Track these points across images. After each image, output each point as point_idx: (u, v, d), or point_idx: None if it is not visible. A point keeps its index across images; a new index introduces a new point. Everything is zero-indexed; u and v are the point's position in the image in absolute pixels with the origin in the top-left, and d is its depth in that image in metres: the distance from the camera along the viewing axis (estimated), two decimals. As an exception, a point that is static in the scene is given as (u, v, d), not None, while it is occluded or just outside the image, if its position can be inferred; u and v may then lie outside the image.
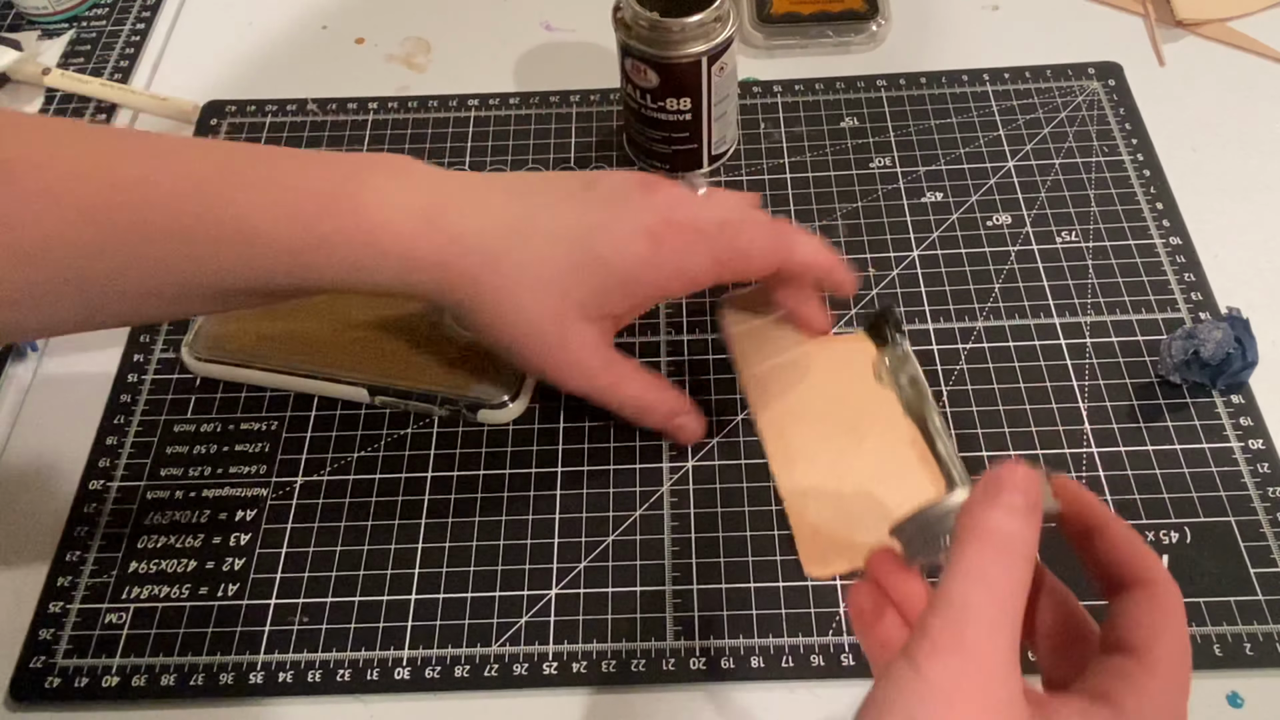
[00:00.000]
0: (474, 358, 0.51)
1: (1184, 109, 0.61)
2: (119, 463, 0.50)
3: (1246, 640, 0.43)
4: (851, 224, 0.57)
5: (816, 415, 0.48)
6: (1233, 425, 0.49)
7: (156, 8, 0.70)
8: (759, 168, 0.59)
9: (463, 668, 0.44)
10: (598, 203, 0.43)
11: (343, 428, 0.50)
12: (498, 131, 0.62)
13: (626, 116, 0.58)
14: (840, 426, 0.47)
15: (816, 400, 0.48)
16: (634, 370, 0.46)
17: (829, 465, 0.47)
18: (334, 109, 0.64)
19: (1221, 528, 0.46)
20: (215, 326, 0.52)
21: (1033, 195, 0.57)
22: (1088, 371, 0.51)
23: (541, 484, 0.48)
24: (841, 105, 0.62)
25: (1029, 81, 0.63)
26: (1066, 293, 0.53)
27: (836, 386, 0.48)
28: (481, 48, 0.67)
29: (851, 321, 0.52)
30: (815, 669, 0.43)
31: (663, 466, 0.49)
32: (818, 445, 0.47)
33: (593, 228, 0.42)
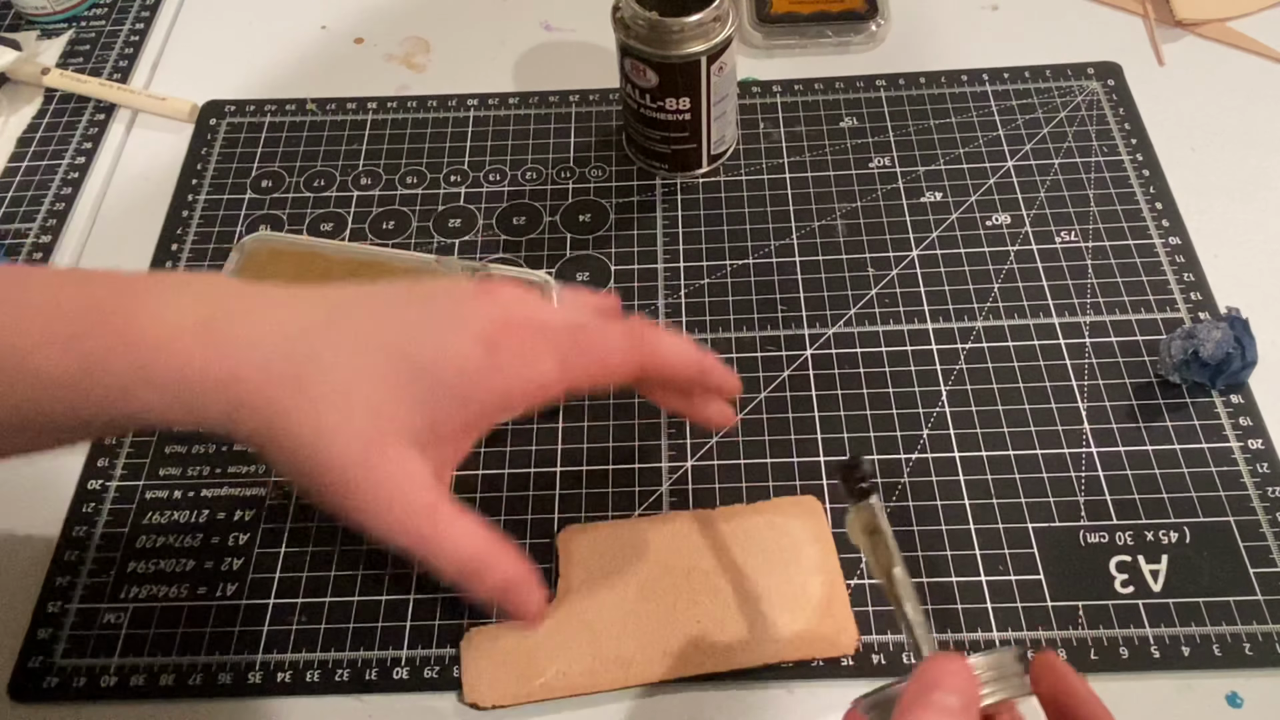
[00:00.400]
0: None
1: (1183, 109, 0.61)
2: (117, 462, 0.50)
3: (1246, 640, 0.43)
4: (851, 224, 0.57)
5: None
6: (1232, 425, 0.49)
7: (155, 8, 0.70)
8: (758, 168, 0.59)
9: (462, 667, 0.43)
10: (421, 307, 0.36)
11: (341, 427, 0.50)
12: (497, 131, 0.62)
13: (626, 116, 0.58)
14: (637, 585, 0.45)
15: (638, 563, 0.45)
16: (467, 522, 0.35)
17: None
18: (333, 109, 0.64)
19: (1221, 528, 0.46)
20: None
21: (1032, 195, 0.57)
22: (1087, 371, 0.51)
23: (540, 484, 0.48)
24: (841, 105, 0.62)
25: (1028, 81, 0.62)
26: (1066, 292, 0.53)
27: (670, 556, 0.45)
28: (481, 48, 0.67)
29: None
30: (815, 669, 0.43)
31: (662, 466, 0.49)
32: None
33: (415, 334, 0.35)
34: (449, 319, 0.36)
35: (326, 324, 0.35)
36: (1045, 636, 0.43)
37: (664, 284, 0.55)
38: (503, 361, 0.35)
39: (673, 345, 0.39)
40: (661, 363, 0.39)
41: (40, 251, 0.57)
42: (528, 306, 0.37)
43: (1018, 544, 0.46)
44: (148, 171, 0.62)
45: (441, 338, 0.35)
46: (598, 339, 0.38)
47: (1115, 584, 0.44)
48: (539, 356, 0.36)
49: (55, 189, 0.61)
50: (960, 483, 0.47)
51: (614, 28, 0.54)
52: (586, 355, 0.37)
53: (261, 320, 0.35)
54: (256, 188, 0.60)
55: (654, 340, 0.39)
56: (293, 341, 0.34)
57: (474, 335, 0.35)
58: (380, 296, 0.37)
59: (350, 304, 0.36)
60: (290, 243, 0.56)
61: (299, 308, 0.36)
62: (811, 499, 0.47)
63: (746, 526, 0.46)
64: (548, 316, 0.38)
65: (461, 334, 0.35)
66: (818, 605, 0.44)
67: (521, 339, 0.36)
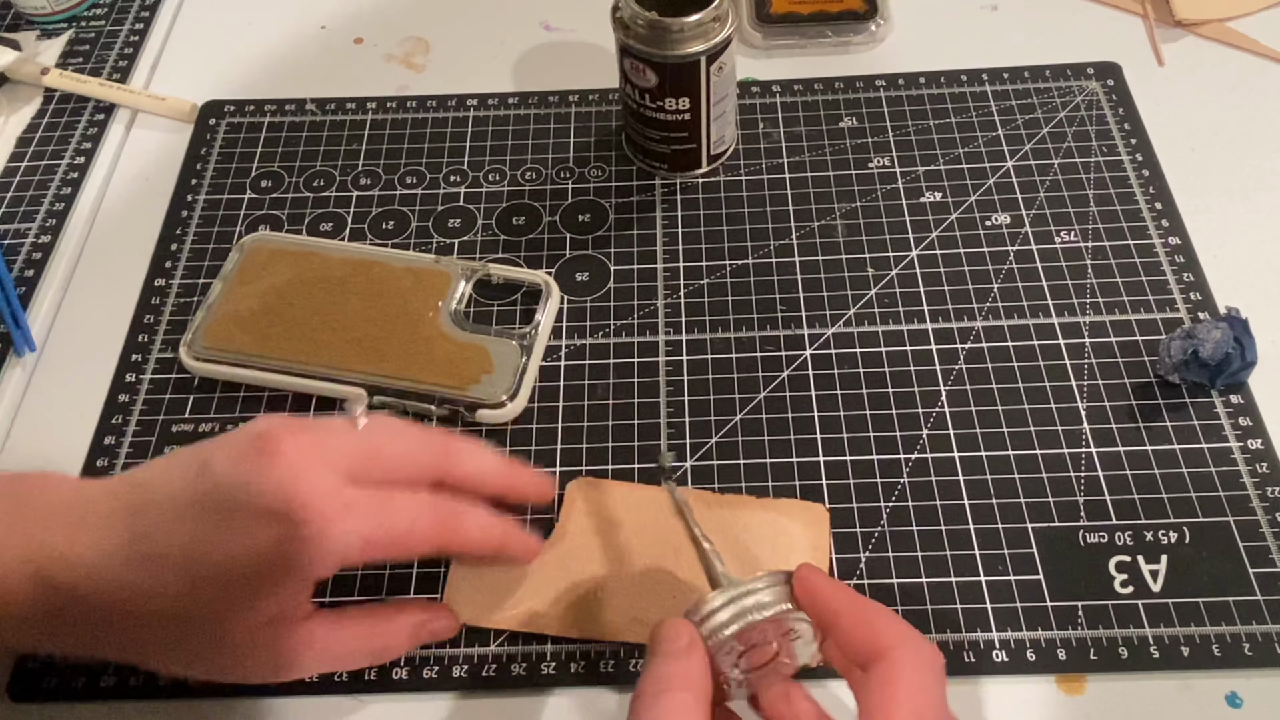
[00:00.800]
0: (472, 357, 0.51)
1: (1183, 109, 0.61)
2: (117, 463, 0.50)
3: (1245, 640, 0.43)
4: (850, 224, 0.57)
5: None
6: (1231, 425, 0.49)
7: (155, 8, 0.70)
8: (758, 168, 0.59)
9: (461, 668, 0.43)
10: (210, 508, 0.36)
11: (341, 427, 0.50)
12: (497, 131, 0.62)
13: (625, 116, 0.58)
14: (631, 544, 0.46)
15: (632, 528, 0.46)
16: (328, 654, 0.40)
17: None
18: (333, 109, 0.64)
19: (1220, 528, 0.46)
20: (214, 326, 0.52)
21: (1031, 195, 0.57)
22: (1086, 371, 0.51)
23: (540, 484, 0.48)
24: (840, 105, 0.62)
25: (1028, 81, 0.62)
26: (1065, 293, 0.53)
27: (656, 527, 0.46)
28: (480, 48, 0.67)
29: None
30: (813, 670, 0.43)
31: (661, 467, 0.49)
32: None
33: (207, 542, 0.36)
34: (236, 509, 0.36)
35: (129, 544, 0.37)
36: (1045, 636, 0.43)
37: (663, 284, 0.55)
38: (304, 539, 0.35)
39: (473, 455, 0.41)
40: (462, 473, 0.40)
41: (40, 251, 0.57)
42: (313, 471, 0.36)
43: (1017, 544, 0.46)
44: (147, 171, 0.62)
45: (232, 538, 0.36)
46: (393, 455, 0.39)
47: (1115, 584, 0.44)
48: (345, 520, 0.36)
49: (55, 189, 0.61)
50: (960, 483, 0.47)
51: (613, 28, 0.54)
52: (384, 476, 0.38)
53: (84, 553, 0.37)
54: (256, 188, 0.60)
55: (454, 450, 0.40)
56: (109, 569, 0.37)
57: (263, 516, 0.35)
58: (173, 505, 0.37)
59: (154, 520, 0.37)
60: (290, 243, 0.56)
61: (116, 528, 0.37)
62: (820, 508, 0.47)
63: (749, 519, 0.46)
64: (340, 463, 0.37)
65: (252, 525, 0.35)
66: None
67: (318, 510, 0.35)
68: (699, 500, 0.47)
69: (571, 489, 0.47)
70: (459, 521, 0.40)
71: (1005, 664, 0.43)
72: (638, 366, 0.52)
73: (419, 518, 0.38)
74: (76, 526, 0.37)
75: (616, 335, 0.53)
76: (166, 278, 0.56)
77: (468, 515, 0.40)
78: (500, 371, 0.50)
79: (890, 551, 0.46)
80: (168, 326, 0.54)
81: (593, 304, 0.54)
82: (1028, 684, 0.42)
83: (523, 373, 0.50)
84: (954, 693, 0.42)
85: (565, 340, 0.53)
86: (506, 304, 0.54)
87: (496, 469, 0.42)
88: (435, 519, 0.39)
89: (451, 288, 0.53)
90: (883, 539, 0.46)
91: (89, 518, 0.38)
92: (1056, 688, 0.42)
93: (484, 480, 0.41)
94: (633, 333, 0.53)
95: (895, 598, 0.44)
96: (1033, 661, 0.43)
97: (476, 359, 0.51)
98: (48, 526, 0.38)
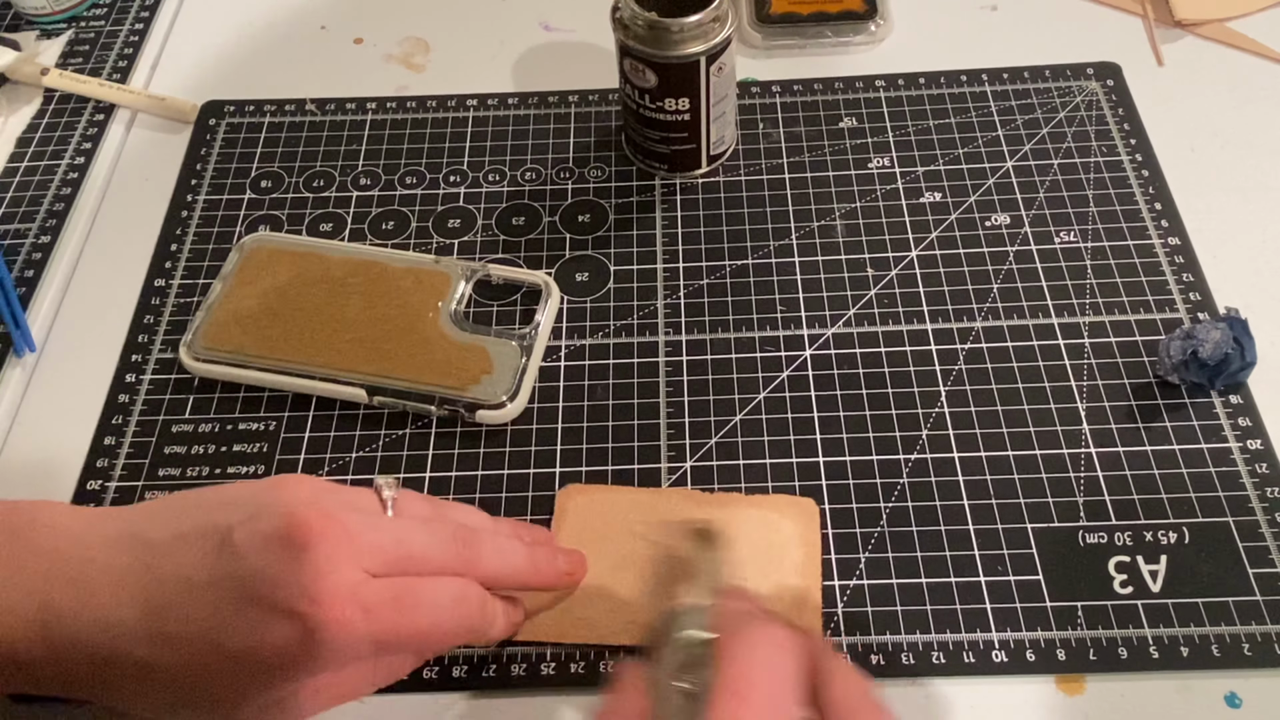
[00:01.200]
0: (472, 357, 0.51)
1: (1183, 109, 0.61)
2: (117, 463, 0.50)
3: (1244, 641, 0.43)
4: (850, 224, 0.57)
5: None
6: (1231, 425, 0.49)
7: (155, 8, 0.70)
8: (757, 168, 0.59)
9: (460, 668, 0.43)
10: (229, 591, 0.35)
11: (341, 428, 0.50)
12: (496, 132, 0.62)
13: (625, 117, 0.58)
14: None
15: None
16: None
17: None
18: (332, 109, 0.64)
19: (1220, 528, 0.46)
20: (214, 327, 0.52)
21: (1031, 195, 0.57)
22: (1086, 372, 0.51)
23: (539, 484, 0.48)
24: (840, 105, 0.62)
25: (1027, 82, 0.62)
26: (1065, 293, 0.53)
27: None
28: (480, 48, 0.67)
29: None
30: (813, 669, 0.43)
31: (660, 467, 0.49)
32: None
33: (224, 629, 0.35)
34: (258, 598, 0.35)
35: (144, 618, 0.36)
36: (1044, 637, 0.43)
37: (663, 284, 0.55)
38: (309, 651, 0.35)
39: (495, 556, 0.40)
40: (483, 574, 0.40)
41: (40, 251, 0.58)
42: (344, 565, 0.35)
43: (1017, 544, 0.46)
44: (147, 171, 0.62)
45: (251, 629, 0.35)
46: (419, 556, 0.38)
47: (1114, 584, 0.44)
48: (348, 646, 0.35)
49: (55, 189, 0.61)
50: (959, 483, 0.47)
51: (613, 28, 0.54)
52: (402, 635, 0.37)
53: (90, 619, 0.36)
54: (256, 188, 0.60)
55: (477, 553, 0.39)
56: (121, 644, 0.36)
57: (286, 613, 0.34)
58: (188, 587, 0.36)
59: (163, 598, 0.36)
60: (290, 243, 0.56)
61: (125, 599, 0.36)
62: (809, 502, 0.47)
63: (739, 516, 0.46)
64: (367, 592, 0.36)
65: (272, 616, 0.35)
66: (788, 606, 0.44)
67: (341, 610, 0.35)
68: (689, 499, 0.47)
69: (561, 497, 0.47)
70: (477, 554, 0.39)
71: (1005, 664, 0.43)
72: (638, 367, 0.52)
73: (441, 618, 0.38)
74: (85, 589, 0.36)
75: (616, 335, 0.53)
76: (166, 278, 0.56)
77: (490, 606, 0.40)
78: (500, 372, 0.50)
79: (890, 552, 0.46)
80: (168, 326, 0.54)
81: (592, 304, 0.54)
82: (1027, 684, 0.43)
83: (523, 373, 0.50)
84: (954, 693, 0.42)
85: (565, 340, 0.53)
86: (506, 304, 0.54)
87: (515, 571, 0.41)
88: (458, 617, 0.38)
89: (451, 288, 0.53)
90: (882, 539, 0.46)
91: (98, 578, 0.36)
92: (1056, 688, 0.42)
93: (502, 580, 0.41)
94: (632, 333, 0.53)
95: (895, 598, 0.44)
96: (1032, 662, 0.43)
97: (476, 359, 0.51)
98: (50, 580, 0.37)
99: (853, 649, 0.43)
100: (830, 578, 0.45)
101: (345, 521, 0.36)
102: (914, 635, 0.43)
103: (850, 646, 0.43)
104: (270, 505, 0.36)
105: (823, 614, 0.44)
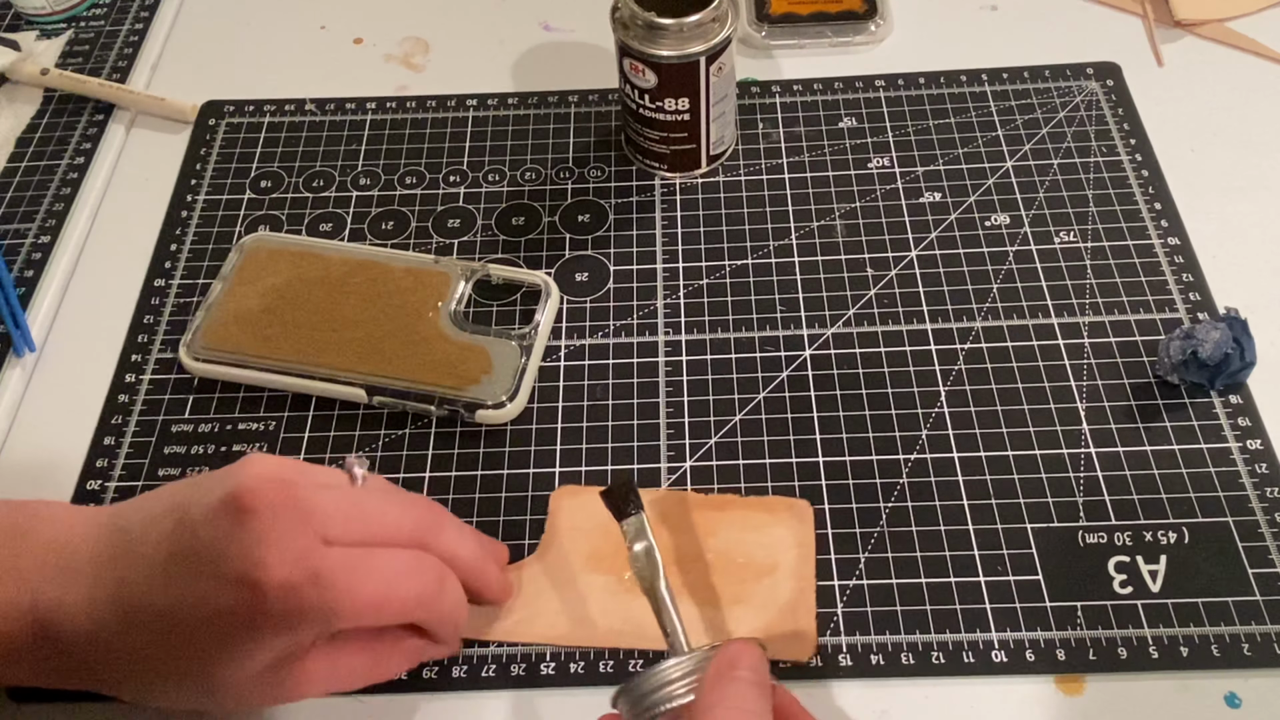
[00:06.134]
0: (472, 357, 0.51)
1: (1182, 109, 0.61)
2: (116, 463, 0.50)
3: (1244, 641, 0.43)
4: (850, 224, 0.57)
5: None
6: (1231, 425, 0.49)
7: (155, 8, 0.70)
8: (757, 168, 0.59)
9: (460, 668, 0.43)
10: (185, 566, 0.36)
11: (340, 428, 0.50)
12: (496, 132, 0.62)
13: (625, 117, 0.58)
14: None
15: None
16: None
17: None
18: (332, 109, 0.64)
19: (1219, 528, 0.46)
20: (213, 327, 0.52)
21: (1031, 195, 0.57)
22: (1086, 372, 0.51)
23: (539, 484, 0.48)
24: (840, 105, 0.62)
25: (1027, 82, 0.62)
26: (1065, 293, 0.53)
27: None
28: (480, 48, 0.67)
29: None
30: (813, 670, 0.43)
31: (660, 467, 0.49)
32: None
33: (182, 603, 0.36)
34: (209, 580, 0.35)
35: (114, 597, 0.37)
36: (1044, 637, 0.43)
37: (663, 284, 0.55)
38: (261, 621, 0.35)
39: (456, 535, 0.40)
40: (440, 549, 0.39)
41: (40, 251, 0.58)
42: (290, 543, 0.35)
43: (1016, 544, 0.46)
44: (147, 171, 0.62)
45: (202, 606, 0.35)
46: (377, 519, 0.38)
47: (1114, 584, 0.44)
48: (298, 614, 0.35)
49: (54, 189, 0.61)
50: (959, 483, 0.47)
51: (613, 28, 0.54)
52: (357, 603, 0.36)
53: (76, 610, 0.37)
54: (256, 188, 0.60)
55: (439, 523, 0.40)
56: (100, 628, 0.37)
57: (229, 599, 0.35)
58: (151, 563, 0.36)
59: (130, 574, 0.37)
60: (289, 243, 0.56)
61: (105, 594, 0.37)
62: (805, 504, 0.47)
63: (734, 518, 0.46)
64: (316, 560, 0.35)
65: (217, 597, 0.35)
66: (782, 608, 0.44)
67: (275, 597, 0.35)
68: (683, 503, 0.47)
69: (554, 498, 0.47)
70: (441, 588, 0.39)
71: (1004, 664, 0.43)
72: (637, 367, 0.52)
73: (395, 587, 0.37)
74: (70, 574, 0.37)
75: (616, 335, 0.53)
76: (166, 278, 0.56)
77: (448, 585, 0.39)
78: (500, 372, 0.50)
79: (890, 552, 0.46)
80: (168, 326, 0.54)
81: (592, 304, 0.54)
82: (1027, 684, 0.42)
83: (522, 373, 0.50)
84: (954, 693, 0.42)
85: (565, 340, 0.53)
86: (506, 304, 0.54)
87: (470, 557, 0.41)
88: (414, 586, 0.38)
89: (451, 288, 0.53)
90: (882, 539, 0.46)
91: (81, 564, 0.37)
92: (1055, 688, 0.42)
93: (456, 564, 0.40)
94: (632, 333, 0.53)
95: (895, 598, 0.44)
96: (1032, 662, 0.43)
97: (476, 359, 0.51)
98: (42, 571, 0.37)
99: (853, 649, 0.43)
100: (830, 578, 0.45)
101: (299, 489, 0.36)
102: (914, 635, 0.43)
103: (850, 646, 0.43)
104: (223, 478, 0.36)
105: (818, 615, 0.44)
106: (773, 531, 0.46)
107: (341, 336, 0.51)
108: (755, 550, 0.45)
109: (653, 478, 0.48)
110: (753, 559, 0.45)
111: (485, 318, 0.54)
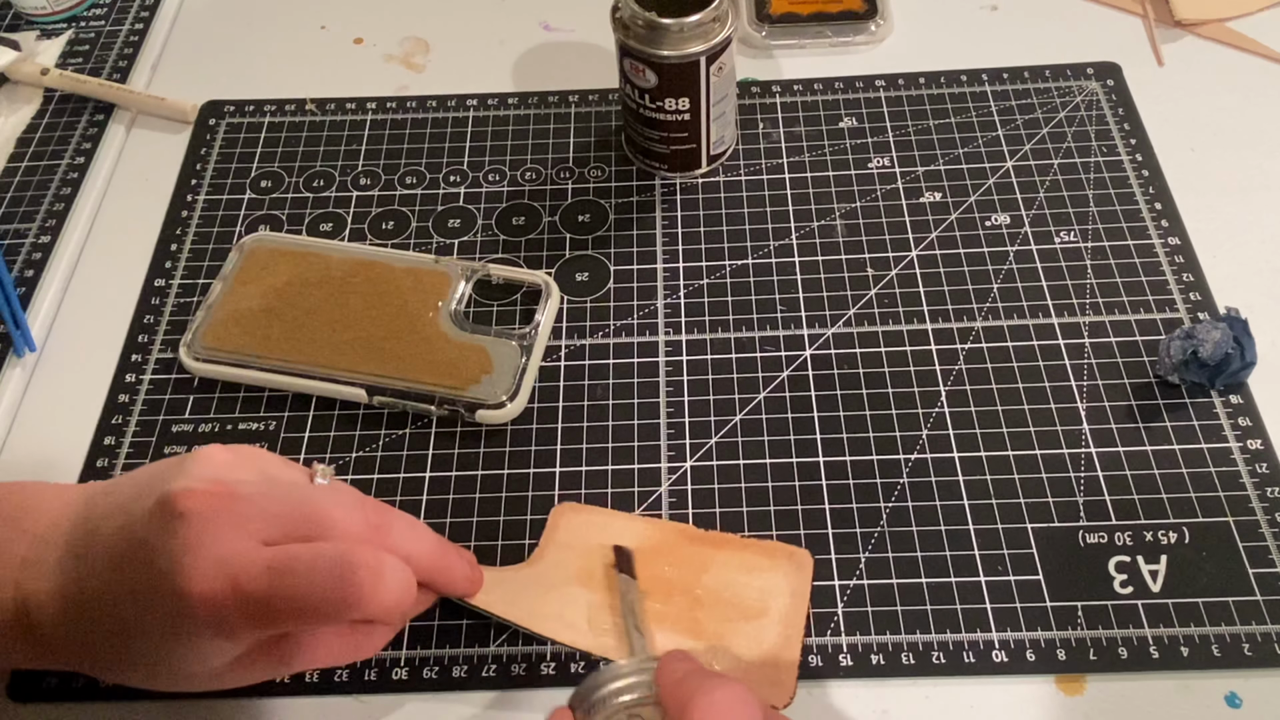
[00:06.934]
0: (472, 357, 0.51)
1: (1183, 109, 0.61)
2: (116, 463, 0.50)
3: (1245, 640, 0.43)
4: (850, 224, 0.57)
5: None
6: (1231, 425, 0.49)
7: (155, 8, 0.70)
8: (757, 168, 0.59)
9: (460, 668, 0.43)
10: (129, 565, 0.36)
11: (341, 428, 0.50)
12: (496, 132, 0.62)
13: (625, 117, 0.58)
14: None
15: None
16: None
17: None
18: (332, 109, 0.64)
19: (1220, 528, 0.46)
20: (214, 327, 0.52)
21: (1031, 195, 0.57)
22: (1086, 372, 0.51)
23: (539, 484, 0.48)
24: (840, 105, 0.62)
25: (1028, 82, 0.63)
26: (1065, 293, 0.53)
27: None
28: (480, 48, 0.67)
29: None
30: (813, 669, 0.43)
31: (661, 467, 0.49)
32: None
33: (126, 601, 0.36)
34: (143, 581, 0.36)
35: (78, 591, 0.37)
36: (1044, 637, 0.43)
37: (663, 284, 0.55)
38: (191, 627, 0.35)
39: (409, 534, 0.39)
40: (392, 549, 0.38)
41: (40, 251, 0.58)
42: (217, 547, 0.35)
43: (1017, 544, 0.46)
44: (147, 171, 0.62)
45: (148, 609, 0.36)
46: (327, 519, 0.37)
47: (1114, 584, 0.44)
48: (223, 624, 0.35)
49: (55, 189, 0.61)
50: (959, 483, 0.47)
51: (613, 28, 0.54)
52: (278, 609, 0.35)
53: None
54: (256, 188, 0.60)
55: (390, 524, 0.39)
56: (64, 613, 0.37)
57: (166, 603, 0.35)
58: (105, 559, 0.37)
59: (88, 570, 0.37)
60: (289, 243, 0.56)
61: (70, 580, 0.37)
62: (805, 554, 0.46)
63: (730, 558, 0.46)
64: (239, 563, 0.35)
65: (158, 599, 0.35)
66: (765, 654, 0.43)
67: (199, 605, 0.34)
68: (682, 535, 0.46)
69: (554, 513, 0.47)
70: (376, 579, 0.36)
71: (1005, 664, 0.43)
72: (638, 367, 0.52)
73: (317, 583, 0.35)
74: (51, 565, 0.38)
75: (616, 335, 0.53)
76: (166, 278, 0.56)
77: (387, 579, 0.36)
78: (500, 372, 0.50)
79: (890, 552, 0.46)
80: (168, 326, 0.54)
81: (592, 304, 0.54)
82: (1027, 684, 0.43)
83: (522, 373, 0.50)
84: (954, 693, 0.42)
85: (565, 340, 0.53)
86: (506, 304, 0.54)
87: (426, 553, 0.40)
88: (339, 581, 0.35)
89: (451, 288, 0.53)
90: (882, 539, 0.46)
91: (50, 556, 0.38)
92: (1056, 688, 0.42)
93: (413, 562, 0.39)
94: (632, 333, 0.53)
95: (895, 598, 0.44)
96: (1032, 662, 0.43)
97: (476, 359, 0.51)
98: (25, 561, 0.38)
99: (853, 649, 0.43)
100: (830, 578, 0.45)
101: (235, 491, 0.36)
102: (914, 635, 0.43)
103: (851, 646, 0.43)
104: (170, 478, 0.36)
105: (817, 615, 0.44)
106: (768, 576, 0.45)
107: (342, 336, 0.51)
108: (746, 592, 0.45)
109: (653, 478, 0.48)
110: (742, 600, 0.44)
111: (485, 318, 0.54)
